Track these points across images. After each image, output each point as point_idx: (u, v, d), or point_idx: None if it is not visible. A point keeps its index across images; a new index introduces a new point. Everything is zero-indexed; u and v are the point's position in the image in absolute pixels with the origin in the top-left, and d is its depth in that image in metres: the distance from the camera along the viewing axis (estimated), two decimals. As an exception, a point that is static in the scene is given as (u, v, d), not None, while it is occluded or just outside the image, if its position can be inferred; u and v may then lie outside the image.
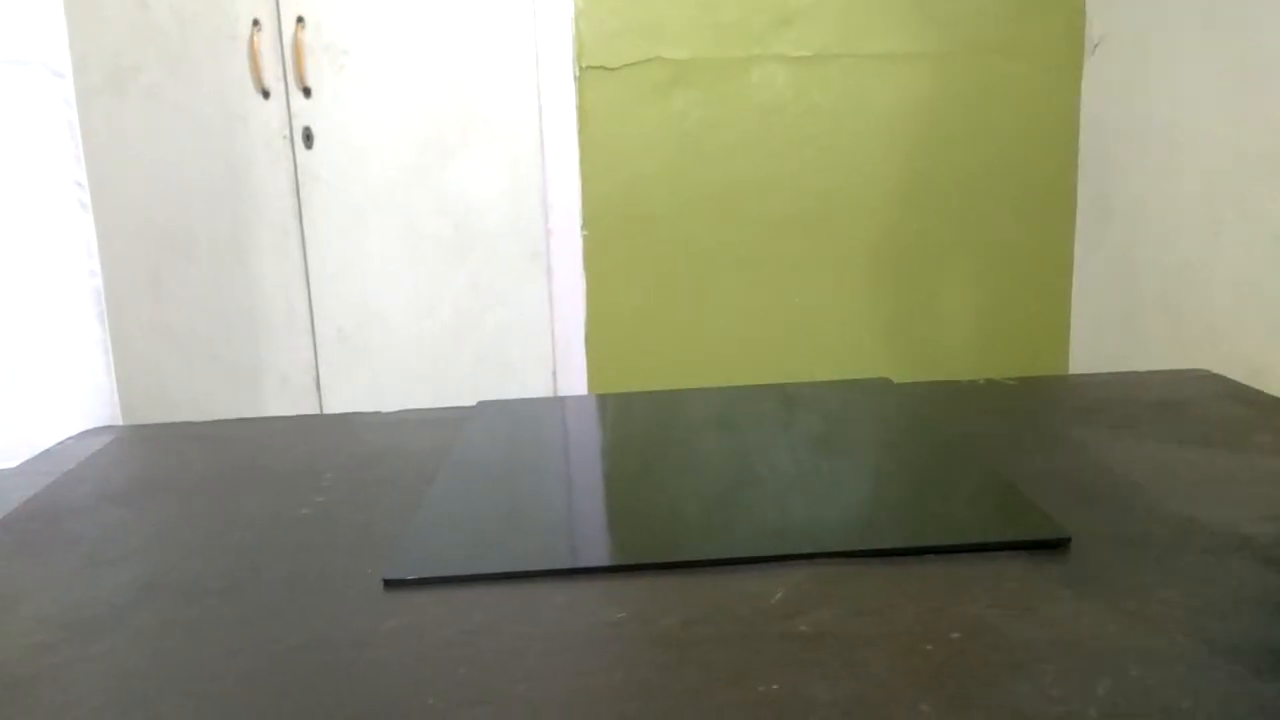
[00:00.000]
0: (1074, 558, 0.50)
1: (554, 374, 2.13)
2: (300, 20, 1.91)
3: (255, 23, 1.90)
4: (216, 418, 0.86)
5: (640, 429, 0.77)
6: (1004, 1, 2.06)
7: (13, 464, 0.74)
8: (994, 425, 0.73)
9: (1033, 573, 0.49)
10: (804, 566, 0.50)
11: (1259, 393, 0.77)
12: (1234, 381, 0.80)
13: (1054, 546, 0.52)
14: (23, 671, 0.44)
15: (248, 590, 0.51)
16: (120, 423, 1.03)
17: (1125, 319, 2.02)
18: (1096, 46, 2.07)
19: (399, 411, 0.81)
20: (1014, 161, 2.11)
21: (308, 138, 1.96)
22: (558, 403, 0.90)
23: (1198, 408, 0.75)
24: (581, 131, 2.03)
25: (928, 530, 0.55)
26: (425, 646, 0.44)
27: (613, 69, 2.00)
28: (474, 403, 0.82)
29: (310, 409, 2.07)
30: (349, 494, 0.64)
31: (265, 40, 1.91)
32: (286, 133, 1.96)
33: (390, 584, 0.50)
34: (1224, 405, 0.75)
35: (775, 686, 0.40)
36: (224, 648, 0.45)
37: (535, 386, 2.12)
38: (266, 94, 1.93)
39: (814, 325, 2.13)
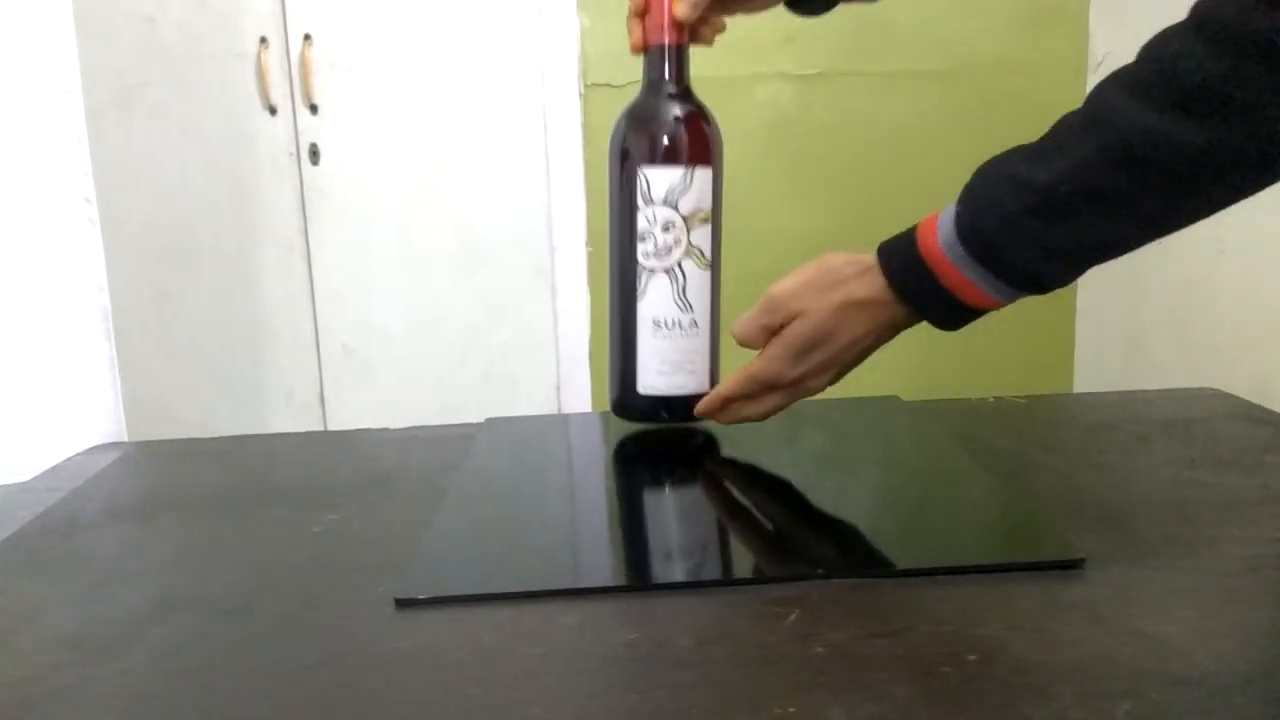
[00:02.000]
0: (1089, 579, 0.50)
1: (558, 390, 2.13)
2: (308, 38, 1.92)
3: (263, 40, 1.91)
4: (219, 433, 0.86)
5: (649, 447, 0.77)
6: (1008, 20, 2.07)
7: (22, 479, 0.74)
8: (1004, 444, 0.73)
9: (1048, 594, 0.49)
10: (817, 587, 0.50)
11: (1269, 412, 0.77)
12: (1244, 400, 0.80)
13: (1068, 567, 0.51)
14: (35, 690, 0.44)
15: (260, 609, 0.51)
16: (125, 438, 1.03)
17: (1130, 336, 2.02)
18: (1100, 64, 2.08)
19: (408, 428, 0.81)
20: (1018, 179, 2.12)
21: (314, 154, 1.97)
22: (566, 420, 0.90)
23: (1208, 427, 0.75)
24: (586, 148, 2.04)
25: (941, 551, 0.55)
26: (438, 667, 0.44)
27: (618, 86, 2.01)
28: (479, 419, 0.82)
29: (314, 425, 2.07)
30: (360, 511, 0.64)
31: (273, 58, 1.92)
32: (293, 149, 1.97)
33: (403, 603, 0.50)
34: (1235, 425, 0.75)
35: (792, 709, 0.40)
36: (237, 667, 0.45)
37: (539, 402, 2.12)
38: (274, 111, 1.94)
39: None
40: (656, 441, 0.75)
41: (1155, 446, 0.71)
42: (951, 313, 0.61)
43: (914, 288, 0.61)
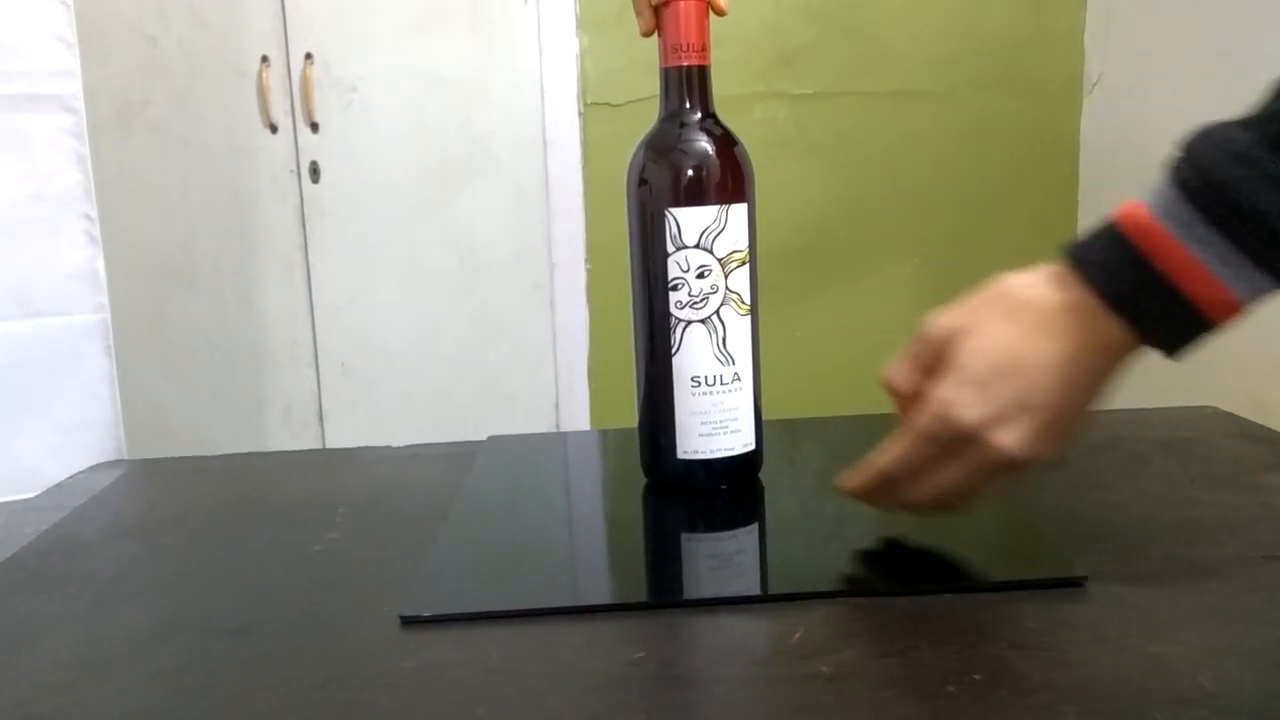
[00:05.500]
0: (1091, 598, 0.50)
1: (556, 407, 2.13)
2: (309, 57, 1.93)
3: (264, 59, 1.92)
4: (217, 450, 0.86)
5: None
6: (1003, 40, 2.09)
7: (24, 497, 0.74)
8: (1005, 462, 0.73)
9: (1051, 613, 0.49)
10: (821, 606, 0.50)
11: (1268, 430, 0.77)
12: (1242, 419, 0.81)
13: (1070, 586, 0.52)
14: (39, 711, 0.44)
15: (264, 628, 0.51)
16: (124, 456, 1.02)
17: (1127, 354, 2.02)
18: (1095, 84, 2.09)
19: (409, 446, 0.81)
20: (1015, 198, 2.13)
21: (314, 172, 1.98)
22: (569, 438, 0.90)
23: (1207, 445, 0.75)
24: (585, 167, 2.05)
25: (944, 569, 0.55)
26: (444, 686, 0.44)
27: (617, 105, 2.03)
28: (477, 436, 0.82)
29: (313, 442, 2.07)
30: (363, 529, 0.64)
31: (274, 76, 1.93)
32: (293, 167, 1.97)
33: (407, 621, 0.50)
34: (1233, 443, 0.76)
35: (798, 728, 0.40)
36: (241, 687, 0.45)
37: (538, 419, 2.12)
38: (274, 129, 1.95)
39: (814, 358, 2.13)
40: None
41: (1154, 464, 0.72)
42: (1175, 317, 0.45)
43: (1121, 282, 0.45)
